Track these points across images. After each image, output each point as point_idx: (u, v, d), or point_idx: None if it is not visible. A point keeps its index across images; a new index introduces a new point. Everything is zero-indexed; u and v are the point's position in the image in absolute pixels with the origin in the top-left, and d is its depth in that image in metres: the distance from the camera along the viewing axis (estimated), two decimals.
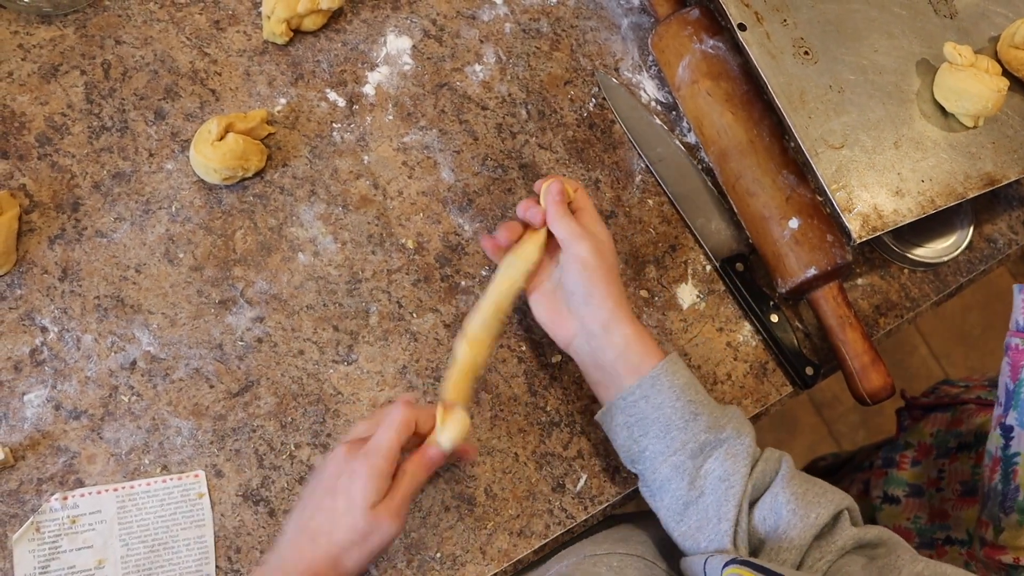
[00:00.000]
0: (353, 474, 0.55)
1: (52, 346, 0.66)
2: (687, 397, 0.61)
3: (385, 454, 0.56)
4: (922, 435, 0.85)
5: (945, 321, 1.76)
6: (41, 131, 0.70)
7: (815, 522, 0.57)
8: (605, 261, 0.64)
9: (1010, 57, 0.76)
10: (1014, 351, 0.66)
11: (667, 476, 0.60)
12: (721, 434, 0.60)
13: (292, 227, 0.72)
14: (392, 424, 0.57)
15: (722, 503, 0.58)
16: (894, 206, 0.71)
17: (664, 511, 0.61)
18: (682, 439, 0.60)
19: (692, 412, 0.60)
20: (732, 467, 0.59)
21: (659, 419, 0.60)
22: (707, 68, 0.77)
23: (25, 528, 0.61)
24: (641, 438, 0.61)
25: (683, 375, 0.62)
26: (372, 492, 0.55)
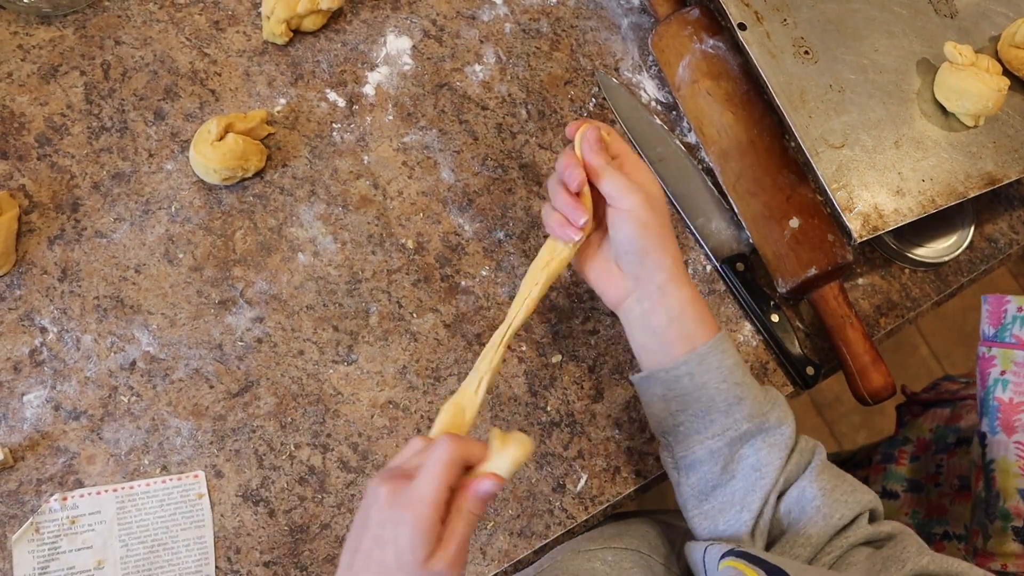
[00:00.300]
0: (399, 523, 0.48)
1: (51, 346, 0.66)
2: (734, 379, 0.58)
3: (431, 502, 0.48)
4: (921, 431, 0.85)
5: (946, 321, 1.76)
6: (41, 132, 0.70)
7: (837, 522, 0.56)
8: (658, 214, 0.58)
9: (1011, 56, 0.76)
10: (982, 359, 0.67)
11: (700, 458, 0.58)
12: (764, 423, 0.58)
13: (292, 227, 0.72)
14: (437, 465, 0.48)
15: (749, 491, 0.57)
16: (895, 205, 0.71)
17: (688, 488, 0.59)
18: (723, 424, 0.57)
19: (736, 396, 0.58)
20: (767, 457, 0.57)
21: (701, 399, 0.57)
22: (707, 68, 0.77)
23: (24, 529, 0.61)
24: (679, 413, 0.58)
25: (732, 355, 0.59)
26: (421, 546, 0.47)
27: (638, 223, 0.58)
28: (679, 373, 0.58)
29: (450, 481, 0.49)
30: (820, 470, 0.58)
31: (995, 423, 0.65)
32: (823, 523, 0.56)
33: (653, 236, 0.58)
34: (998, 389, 0.65)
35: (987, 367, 0.66)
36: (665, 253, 0.58)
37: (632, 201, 0.58)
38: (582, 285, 0.75)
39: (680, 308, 0.58)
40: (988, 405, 0.66)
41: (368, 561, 0.49)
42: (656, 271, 0.58)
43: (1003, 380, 0.65)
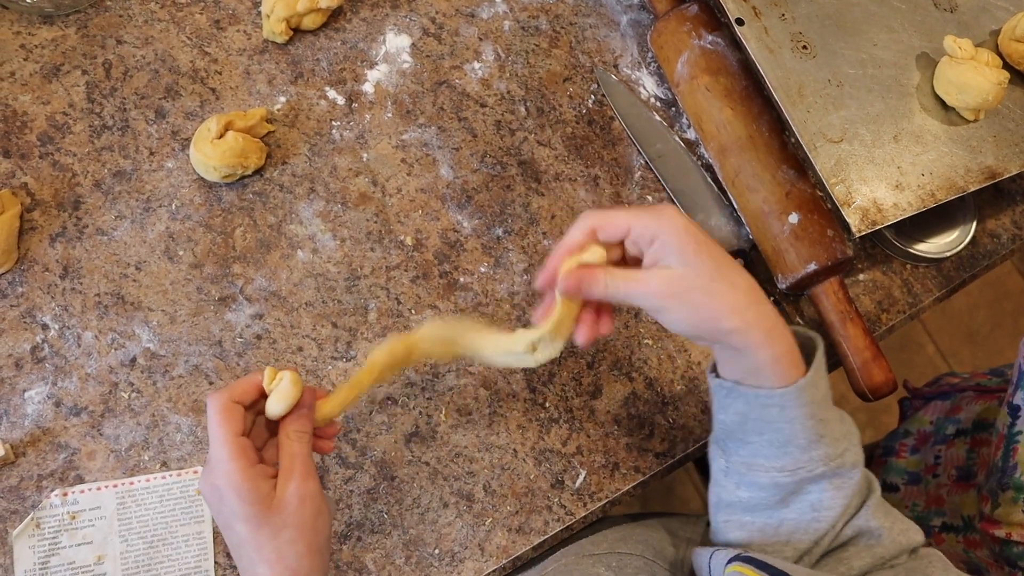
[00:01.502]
0: (222, 497, 0.49)
1: (53, 343, 0.66)
2: (819, 416, 0.52)
3: (228, 455, 0.48)
4: (922, 423, 0.85)
5: (953, 320, 1.75)
6: (43, 130, 0.71)
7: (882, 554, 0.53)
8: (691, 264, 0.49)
9: (1011, 50, 0.76)
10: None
11: (762, 484, 0.53)
12: (840, 469, 0.53)
13: (291, 224, 0.72)
14: (213, 421, 0.50)
15: (798, 530, 0.53)
16: (894, 200, 0.71)
17: (731, 498, 0.55)
18: (798, 460, 0.52)
19: (818, 433, 0.52)
20: (831, 500, 0.53)
21: (783, 430, 0.52)
22: (706, 64, 0.77)
23: (25, 524, 0.61)
24: (753, 434, 0.53)
25: (822, 388, 0.53)
26: (249, 492, 0.48)
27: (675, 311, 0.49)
28: (771, 403, 0.51)
29: (235, 427, 0.50)
30: (877, 505, 0.55)
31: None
32: (869, 557, 0.54)
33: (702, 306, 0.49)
34: None
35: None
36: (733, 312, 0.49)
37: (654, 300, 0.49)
38: None
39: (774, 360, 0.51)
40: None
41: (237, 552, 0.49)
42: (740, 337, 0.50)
43: None
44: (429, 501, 0.67)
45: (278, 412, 0.53)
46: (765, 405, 0.51)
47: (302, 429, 0.52)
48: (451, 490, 0.67)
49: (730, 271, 0.49)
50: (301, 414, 0.53)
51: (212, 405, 0.50)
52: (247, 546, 0.49)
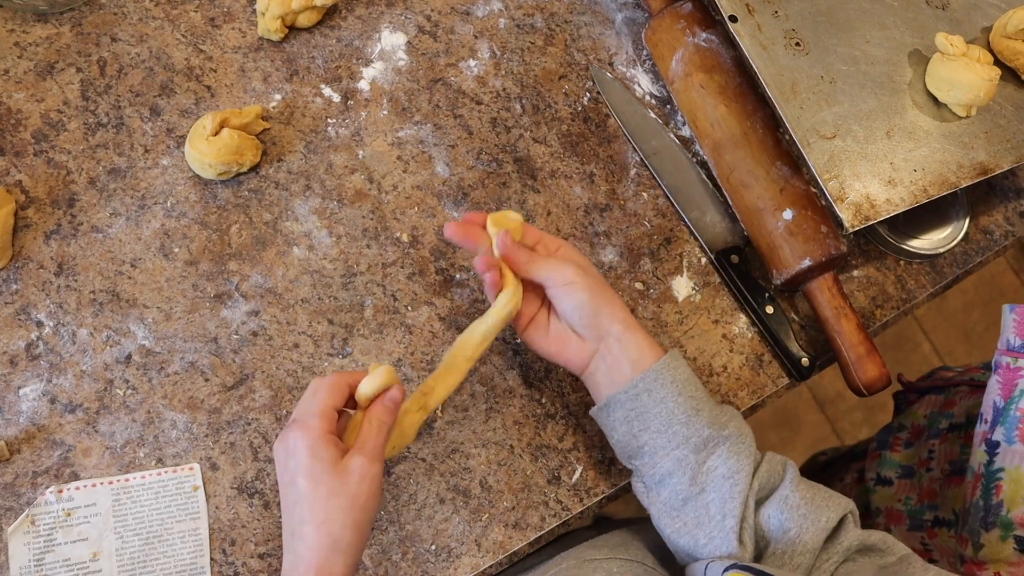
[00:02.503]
0: (295, 450, 0.52)
1: (48, 340, 0.66)
2: (688, 392, 0.60)
3: (314, 412, 0.53)
4: (916, 417, 0.85)
5: (948, 318, 1.76)
6: (37, 128, 0.71)
7: (825, 525, 0.57)
8: (593, 277, 0.62)
9: (1002, 47, 0.76)
10: (1005, 369, 0.66)
11: (668, 470, 0.59)
12: (723, 431, 0.59)
13: (287, 221, 0.72)
14: (316, 387, 0.55)
15: (727, 500, 0.57)
16: (887, 196, 0.71)
17: (660, 506, 0.60)
18: (684, 434, 0.59)
19: (694, 408, 0.60)
20: (736, 464, 0.58)
21: (661, 413, 0.59)
22: (700, 61, 0.77)
23: (20, 521, 0.61)
24: (641, 433, 0.60)
25: (685, 371, 0.61)
26: (322, 450, 0.51)
27: (582, 289, 0.61)
28: (637, 391, 0.60)
29: (334, 400, 0.54)
30: (797, 480, 0.59)
31: (1014, 433, 0.65)
32: (813, 528, 0.57)
33: (598, 296, 0.61)
34: (1022, 402, 0.64)
35: (1014, 377, 0.65)
36: (615, 307, 0.62)
37: (568, 274, 0.61)
38: None
39: (639, 352, 0.61)
40: (1009, 415, 0.65)
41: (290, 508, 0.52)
42: (612, 324, 0.61)
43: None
44: (425, 497, 0.67)
45: (369, 391, 0.55)
46: (636, 395, 0.59)
47: (384, 419, 0.55)
48: (447, 486, 0.67)
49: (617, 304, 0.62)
50: (387, 406, 0.56)
51: (322, 379, 0.55)
52: (302, 503, 0.51)
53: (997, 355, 0.67)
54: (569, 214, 0.77)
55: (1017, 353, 0.65)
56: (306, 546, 0.51)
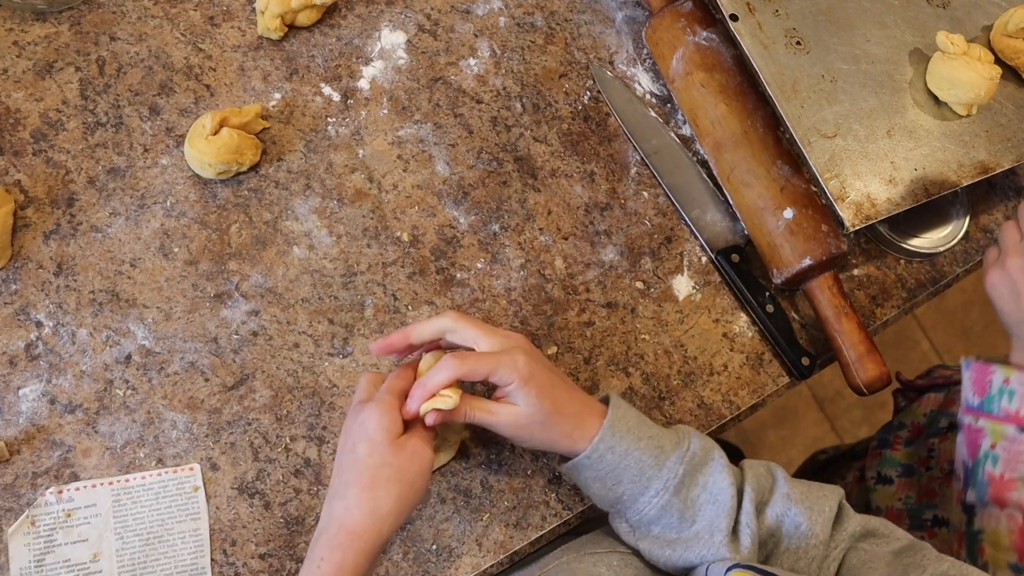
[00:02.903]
0: (365, 420, 0.55)
1: (47, 341, 0.66)
2: (647, 433, 0.60)
3: (389, 389, 0.57)
4: (916, 415, 0.85)
5: (947, 316, 1.76)
6: (36, 127, 0.71)
7: (829, 514, 0.58)
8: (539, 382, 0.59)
9: (1003, 46, 0.76)
10: (968, 429, 0.65)
11: (654, 516, 0.59)
12: (694, 459, 0.59)
13: (287, 221, 0.72)
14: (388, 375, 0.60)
15: (714, 519, 0.58)
16: (887, 195, 0.71)
17: (650, 542, 0.60)
18: (661, 478, 0.58)
19: (657, 446, 0.59)
20: (716, 485, 0.58)
21: (629, 465, 0.59)
22: (701, 60, 0.77)
23: (20, 522, 0.61)
24: (616, 486, 0.59)
25: (632, 412, 0.61)
26: (389, 423, 0.55)
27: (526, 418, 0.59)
28: (600, 452, 0.59)
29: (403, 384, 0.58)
30: (790, 480, 0.60)
31: (984, 496, 0.64)
32: (821, 518, 0.58)
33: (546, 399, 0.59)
34: (988, 463, 0.64)
35: (977, 438, 0.64)
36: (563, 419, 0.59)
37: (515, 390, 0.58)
38: (577, 277, 0.75)
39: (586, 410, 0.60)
40: (977, 478, 0.64)
41: (340, 476, 0.55)
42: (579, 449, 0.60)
43: (993, 455, 0.63)
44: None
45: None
46: (601, 457, 0.59)
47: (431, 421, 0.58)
48: (448, 485, 0.67)
49: (564, 405, 0.59)
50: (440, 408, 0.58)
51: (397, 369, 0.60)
52: (356, 467, 0.54)
53: (960, 412, 0.67)
54: (569, 213, 0.77)
55: (976, 412, 0.64)
56: (344, 506, 0.54)
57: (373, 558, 0.54)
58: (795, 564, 0.58)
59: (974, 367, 0.65)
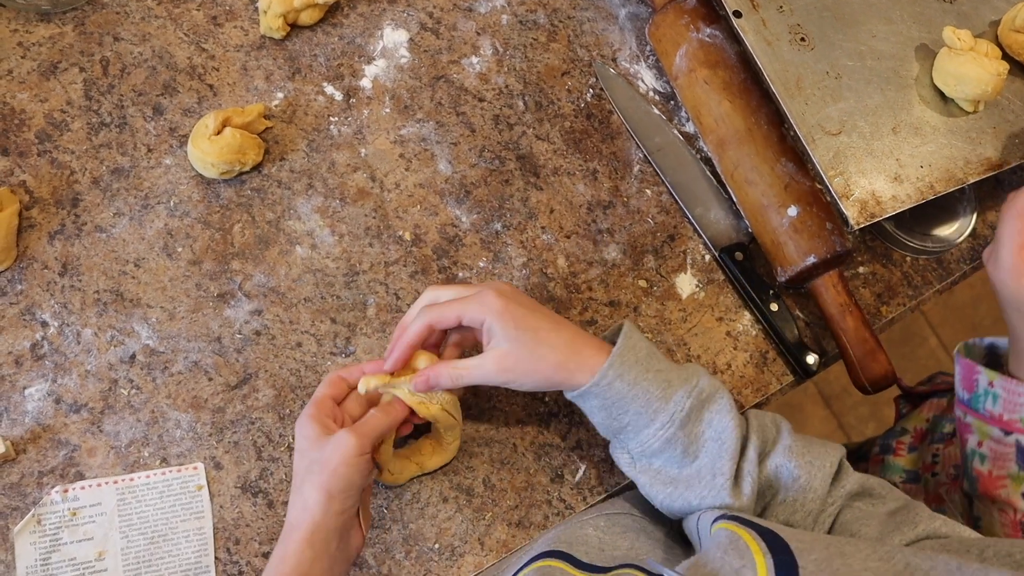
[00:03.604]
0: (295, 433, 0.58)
1: (52, 340, 0.66)
2: (656, 366, 0.60)
3: (313, 401, 0.59)
4: (918, 421, 0.84)
5: (955, 312, 1.75)
6: (41, 128, 0.71)
7: (830, 470, 0.59)
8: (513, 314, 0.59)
9: (1011, 41, 0.75)
10: (960, 423, 0.66)
11: (658, 448, 0.59)
12: (701, 395, 0.59)
13: (290, 220, 0.72)
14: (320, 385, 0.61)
15: (716, 459, 0.58)
16: (892, 192, 0.70)
17: (651, 476, 0.60)
18: (667, 411, 0.59)
19: (666, 380, 0.59)
20: (722, 424, 0.59)
21: (637, 395, 0.59)
22: (704, 57, 0.77)
23: (26, 521, 0.62)
24: (622, 415, 0.60)
25: (643, 341, 0.61)
26: (309, 431, 0.57)
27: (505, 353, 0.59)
28: (609, 379, 0.59)
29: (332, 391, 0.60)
30: (794, 434, 0.61)
31: (975, 489, 0.65)
32: (820, 473, 0.59)
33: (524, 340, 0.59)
34: (975, 460, 0.64)
35: (965, 432, 0.65)
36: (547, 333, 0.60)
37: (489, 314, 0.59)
38: (580, 276, 0.75)
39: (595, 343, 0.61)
40: (968, 471, 0.65)
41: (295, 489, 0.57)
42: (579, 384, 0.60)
43: (980, 453, 0.64)
44: (429, 496, 0.67)
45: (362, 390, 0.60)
46: (610, 384, 0.59)
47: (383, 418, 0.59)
48: (450, 484, 0.67)
49: (548, 334, 0.59)
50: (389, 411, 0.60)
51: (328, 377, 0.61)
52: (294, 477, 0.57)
53: (955, 404, 0.67)
54: (572, 211, 0.76)
55: (965, 407, 0.64)
56: (290, 511, 0.57)
57: (319, 545, 0.55)
58: (791, 516, 0.59)
59: (962, 364, 0.65)
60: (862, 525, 0.58)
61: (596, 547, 0.59)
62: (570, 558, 0.56)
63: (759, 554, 0.47)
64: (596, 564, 0.56)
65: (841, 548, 0.47)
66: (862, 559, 0.46)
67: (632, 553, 0.58)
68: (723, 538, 0.51)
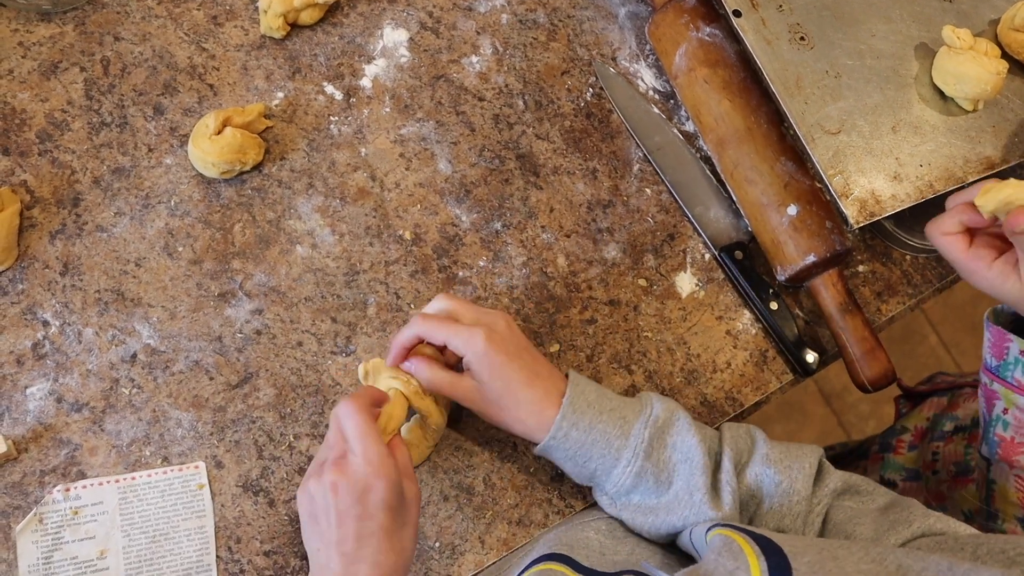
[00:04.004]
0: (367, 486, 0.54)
1: (54, 340, 0.66)
2: (608, 406, 0.61)
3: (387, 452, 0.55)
4: (918, 419, 0.84)
5: (955, 310, 1.75)
6: (41, 128, 0.71)
7: (809, 471, 0.60)
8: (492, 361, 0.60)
9: (1010, 40, 0.75)
10: (986, 388, 0.66)
11: (631, 484, 0.60)
12: (658, 422, 0.61)
13: (290, 220, 0.72)
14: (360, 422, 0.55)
15: (690, 478, 0.59)
16: (892, 191, 0.71)
17: (632, 511, 0.61)
18: (630, 446, 0.60)
19: (620, 417, 0.61)
20: (685, 444, 0.60)
21: (596, 440, 0.60)
22: (704, 56, 0.77)
23: (28, 519, 0.62)
24: (588, 462, 0.61)
25: (591, 387, 0.62)
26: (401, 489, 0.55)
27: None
28: (564, 430, 0.60)
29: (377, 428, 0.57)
30: (769, 442, 0.62)
31: (995, 453, 0.66)
32: (801, 475, 0.60)
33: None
34: (999, 426, 0.65)
35: (992, 398, 0.65)
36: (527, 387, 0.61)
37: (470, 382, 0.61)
38: (580, 275, 0.75)
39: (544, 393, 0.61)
40: (990, 436, 0.66)
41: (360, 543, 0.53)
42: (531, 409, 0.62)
43: (1004, 419, 0.64)
44: (429, 494, 0.67)
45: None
46: (566, 436, 0.60)
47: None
48: (451, 483, 0.68)
49: (519, 390, 0.60)
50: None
51: (355, 408, 0.55)
52: (379, 534, 0.54)
53: (981, 369, 0.67)
54: (572, 211, 0.77)
55: (993, 375, 0.64)
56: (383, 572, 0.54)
57: None
58: (780, 522, 0.60)
59: (993, 331, 0.64)
60: (856, 524, 0.58)
61: (597, 551, 0.59)
62: (571, 562, 0.57)
63: (752, 556, 0.47)
64: (597, 569, 0.56)
65: (834, 552, 0.47)
66: (855, 562, 0.46)
67: (632, 559, 0.59)
68: (718, 543, 0.51)
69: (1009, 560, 0.47)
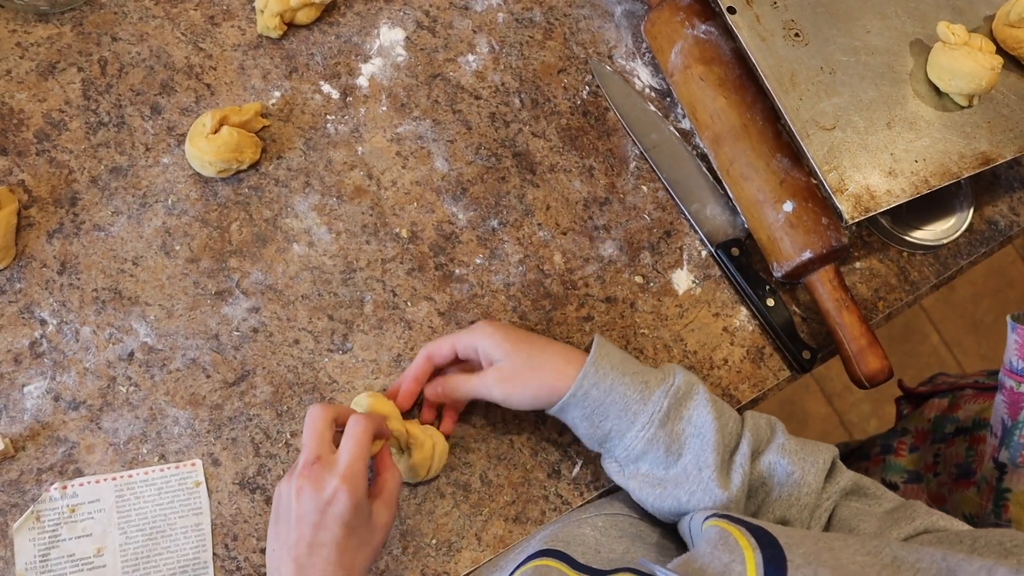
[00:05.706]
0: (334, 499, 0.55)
1: (51, 338, 0.67)
2: (631, 369, 0.62)
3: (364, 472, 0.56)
4: (920, 421, 0.84)
5: (956, 309, 1.75)
6: (39, 127, 0.71)
7: (823, 466, 0.60)
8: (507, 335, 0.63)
9: (1005, 35, 0.75)
10: (1010, 392, 0.65)
11: (642, 450, 0.60)
12: (678, 393, 0.61)
13: (287, 218, 0.72)
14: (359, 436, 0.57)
15: (700, 454, 0.59)
16: (887, 187, 0.71)
17: (639, 480, 0.61)
18: (647, 411, 0.60)
19: (642, 381, 0.61)
20: (701, 418, 0.60)
21: (615, 400, 0.61)
22: (699, 53, 0.77)
23: (25, 517, 0.62)
24: (603, 423, 0.61)
25: (615, 349, 0.63)
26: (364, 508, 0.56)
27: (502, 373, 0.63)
28: (585, 388, 0.61)
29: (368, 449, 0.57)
30: (788, 435, 0.62)
31: (1018, 458, 0.64)
32: (814, 469, 0.60)
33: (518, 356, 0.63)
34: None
35: (1018, 401, 0.64)
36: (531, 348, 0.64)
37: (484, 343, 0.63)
38: (576, 272, 0.75)
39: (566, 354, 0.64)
40: (1013, 439, 0.65)
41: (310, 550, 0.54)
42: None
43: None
44: (426, 491, 0.67)
45: None
46: (586, 393, 0.61)
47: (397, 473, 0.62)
48: (448, 480, 0.68)
49: (542, 352, 0.63)
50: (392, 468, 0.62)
51: (362, 423, 0.57)
52: (332, 547, 0.54)
53: (1002, 373, 0.66)
54: (568, 208, 0.77)
55: (1019, 377, 0.64)
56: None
57: None
58: (787, 511, 0.60)
59: (1019, 331, 0.63)
60: (860, 522, 0.58)
61: (593, 548, 0.59)
62: (567, 558, 0.57)
63: (748, 548, 0.47)
64: (592, 566, 0.56)
65: (830, 543, 0.47)
66: (850, 553, 0.46)
67: (628, 556, 0.59)
68: (713, 535, 0.51)
69: (1005, 551, 0.47)
